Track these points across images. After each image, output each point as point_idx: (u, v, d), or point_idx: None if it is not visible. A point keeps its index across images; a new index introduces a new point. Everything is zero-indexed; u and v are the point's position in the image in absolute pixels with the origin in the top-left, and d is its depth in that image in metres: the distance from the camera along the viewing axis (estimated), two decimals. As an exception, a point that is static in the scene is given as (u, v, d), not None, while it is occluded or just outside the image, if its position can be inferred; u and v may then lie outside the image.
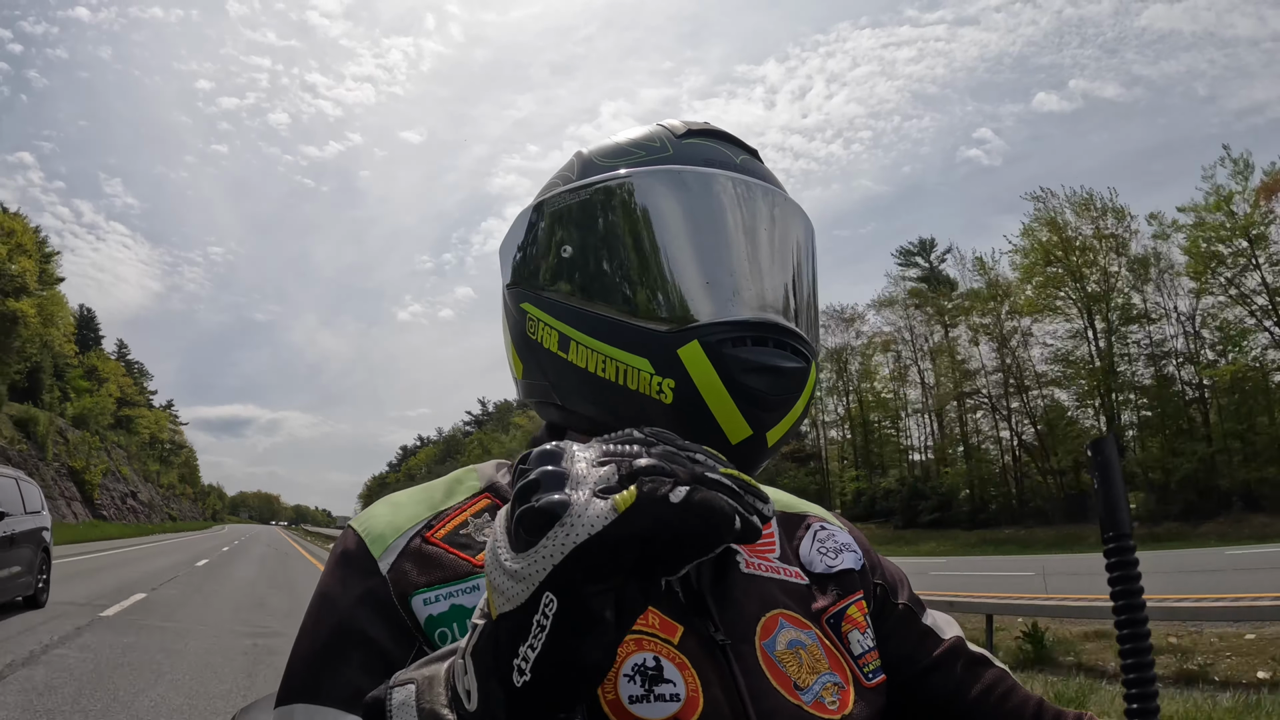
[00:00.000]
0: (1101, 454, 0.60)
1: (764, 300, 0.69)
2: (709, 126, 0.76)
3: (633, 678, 0.61)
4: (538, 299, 0.74)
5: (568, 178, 0.76)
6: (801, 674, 0.68)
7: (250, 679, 6.19)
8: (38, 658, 6.48)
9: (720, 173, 0.71)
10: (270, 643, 7.91)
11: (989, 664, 0.81)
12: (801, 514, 0.85)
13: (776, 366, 0.67)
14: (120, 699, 5.36)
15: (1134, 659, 0.55)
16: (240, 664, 6.83)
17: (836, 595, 0.77)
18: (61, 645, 7.11)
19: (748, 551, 0.75)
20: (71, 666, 6.23)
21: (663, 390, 0.66)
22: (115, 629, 8.30)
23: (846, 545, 0.82)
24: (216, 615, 10.16)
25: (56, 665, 6.25)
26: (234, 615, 10.25)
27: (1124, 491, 0.59)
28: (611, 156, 0.74)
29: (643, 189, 0.70)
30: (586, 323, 0.70)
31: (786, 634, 0.70)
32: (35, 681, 5.66)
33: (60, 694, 5.36)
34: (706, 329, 0.66)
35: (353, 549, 0.67)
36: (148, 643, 7.58)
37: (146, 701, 5.34)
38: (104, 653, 6.89)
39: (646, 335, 0.67)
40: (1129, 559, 0.57)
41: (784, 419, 0.69)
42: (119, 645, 7.31)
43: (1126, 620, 0.56)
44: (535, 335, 0.74)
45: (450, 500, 0.71)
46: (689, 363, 0.66)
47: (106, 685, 5.70)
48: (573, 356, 0.71)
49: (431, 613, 0.62)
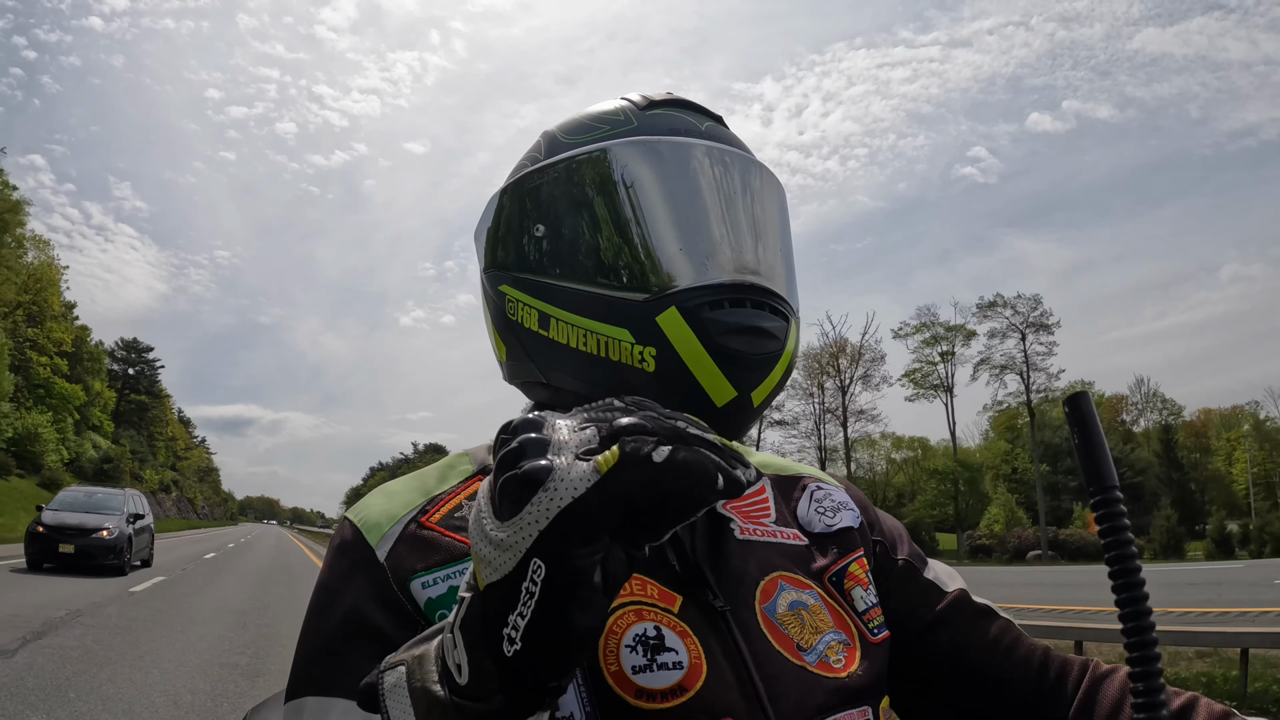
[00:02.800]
0: (1079, 409, 0.58)
1: (740, 262, 0.68)
2: (671, 96, 0.75)
3: (634, 648, 0.61)
4: (515, 280, 0.74)
5: (535, 158, 0.75)
6: (804, 635, 0.68)
7: (271, 573, 14.33)
8: (114, 600, 13.31)
9: (687, 140, 0.71)
10: (285, 560, 16.68)
11: (994, 615, 0.80)
12: (797, 475, 0.84)
13: (756, 326, 0.66)
14: (210, 595, 13.19)
15: (1131, 607, 0.53)
16: (273, 573, 14.75)
17: (837, 554, 0.77)
18: (170, 572, 14.95)
19: (742, 518, 0.75)
20: (191, 575, 13.99)
21: (645, 359, 0.66)
22: (205, 569, 16.47)
23: (844, 504, 0.82)
24: (258, 559, 19.50)
25: (186, 577, 14.09)
26: (267, 556, 19.83)
27: (1105, 444, 0.57)
28: (577, 133, 0.74)
29: (610, 161, 0.70)
30: (564, 298, 0.70)
31: (787, 596, 0.70)
32: (168, 593, 13.46)
33: (188, 584, 13.15)
34: (684, 294, 0.66)
35: (350, 539, 0.67)
36: (227, 563, 15.64)
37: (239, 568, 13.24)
38: (199, 572, 14.77)
39: (625, 305, 0.67)
40: (1117, 510, 0.55)
41: (768, 378, 0.68)
42: (205, 572, 15.27)
43: (1121, 569, 0.54)
44: (515, 316, 0.74)
45: (444, 485, 0.71)
46: (668, 329, 0.65)
47: (213, 587, 13.44)
48: (554, 333, 0.70)
49: (430, 595, 0.62)
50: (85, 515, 13.93)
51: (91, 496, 15.58)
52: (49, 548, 13.21)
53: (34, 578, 11.99)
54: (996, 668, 0.76)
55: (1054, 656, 0.77)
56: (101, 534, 13.55)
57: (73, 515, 13.82)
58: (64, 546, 13.18)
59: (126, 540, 14.14)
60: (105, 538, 13.56)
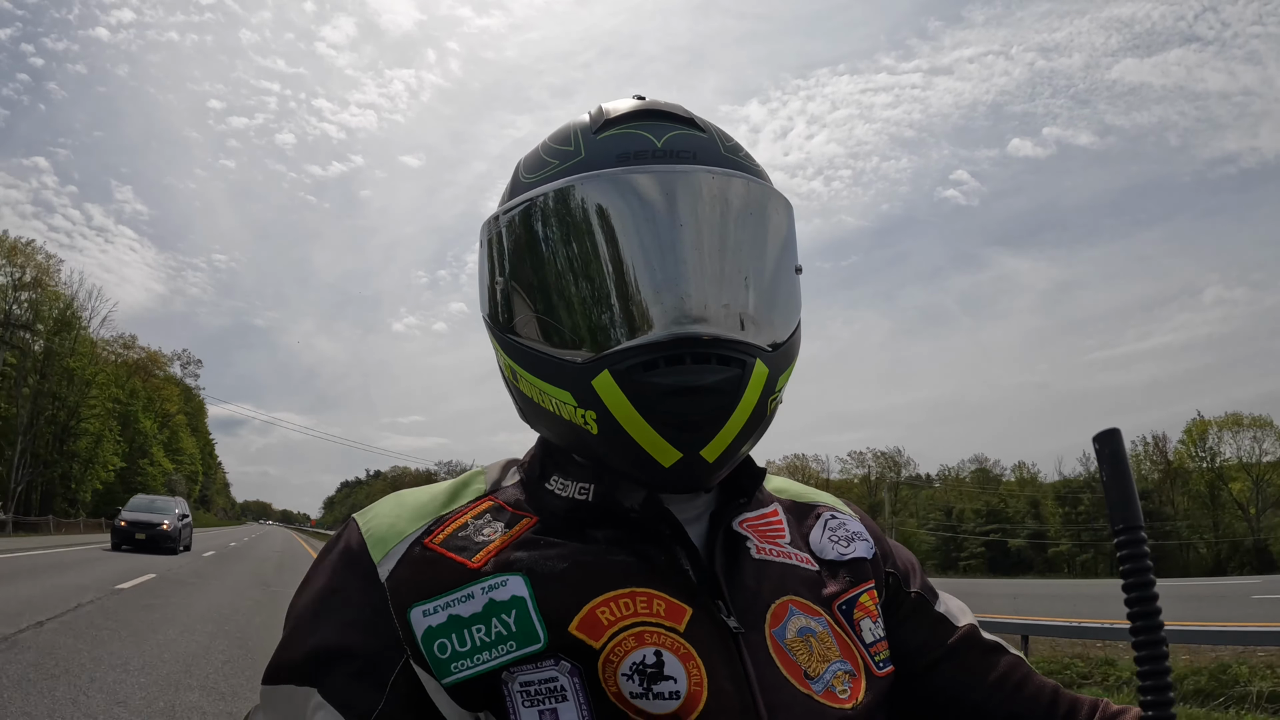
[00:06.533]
0: (1109, 446, 0.58)
1: (680, 311, 0.62)
2: (631, 109, 0.69)
3: (631, 676, 0.59)
4: (491, 330, 0.73)
5: (503, 198, 0.72)
6: (812, 662, 0.66)
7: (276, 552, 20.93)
8: (184, 565, 19.24)
9: (626, 173, 0.64)
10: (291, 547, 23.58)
11: (1004, 651, 0.78)
12: (812, 503, 0.82)
13: (693, 387, 0.61)
14: (232, 567, 19.51)
15: (1148, 650, 0.53)
16: (279, 552, 21.59)
17: (849, 582, 0.75)
18: (199, 559, 21.48)
19: (758, 537, 0.72)
20: (211, 558, 20.41)
21: (587, 422, 0.64)
22: (221, 557, 22.90)
23: (859, 534, 0.80)
24: (270, 544, 26.30)
25: (209, 559, 20.51)
26: (279, 543, 26.28)
27: (1133, 483, 0.57)
28: (534, 169, 0.69)
29: (540, 213, 0.66)
30: (519, 355, 0.68)
31: (796, 621, 0.68)
32: (184, 568, 19.77)
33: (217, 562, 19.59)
34: (615, 356, 0.62)
35: (355, 549, 0.66)
36: (247, 551, 22.38)
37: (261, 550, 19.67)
38: (218, 560, 21.38)
39: (564, 367, 0.64)
40: (1141, 550, 0.54)
41: (719, 433, 0.63)
42: (225, 557, 21.84)
43: (1140, 612, 0.54)
44: (500, 365, 0.73)
45: (454, 504, 0.70)
46: (604, 394, 0.62)
47: (228, 564, 19.81)
48: (522, 387, 0.69)
49: (430, 624, 0.61)
50: (150, 514, 20.58)
51: (153, 502, 22.52)
52: (128, 536, 19.69)
53: (117, 554, 18.22)
54: (1005, 704, 0.74)
55: (1064, 695, 0.75)
56: (162, 526, 19.99)
57: (142, 514, 20.52)
58: (138, 535, 19.68)
59: (178, 532, 20.60)
60: (165, 529, 19.99)
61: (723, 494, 0.73)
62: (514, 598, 0.62)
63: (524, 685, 0.59)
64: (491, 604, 0.61)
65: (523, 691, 0.59)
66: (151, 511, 20.92)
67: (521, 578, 0.63)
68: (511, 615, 0.61)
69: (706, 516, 0.71)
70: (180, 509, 22.42)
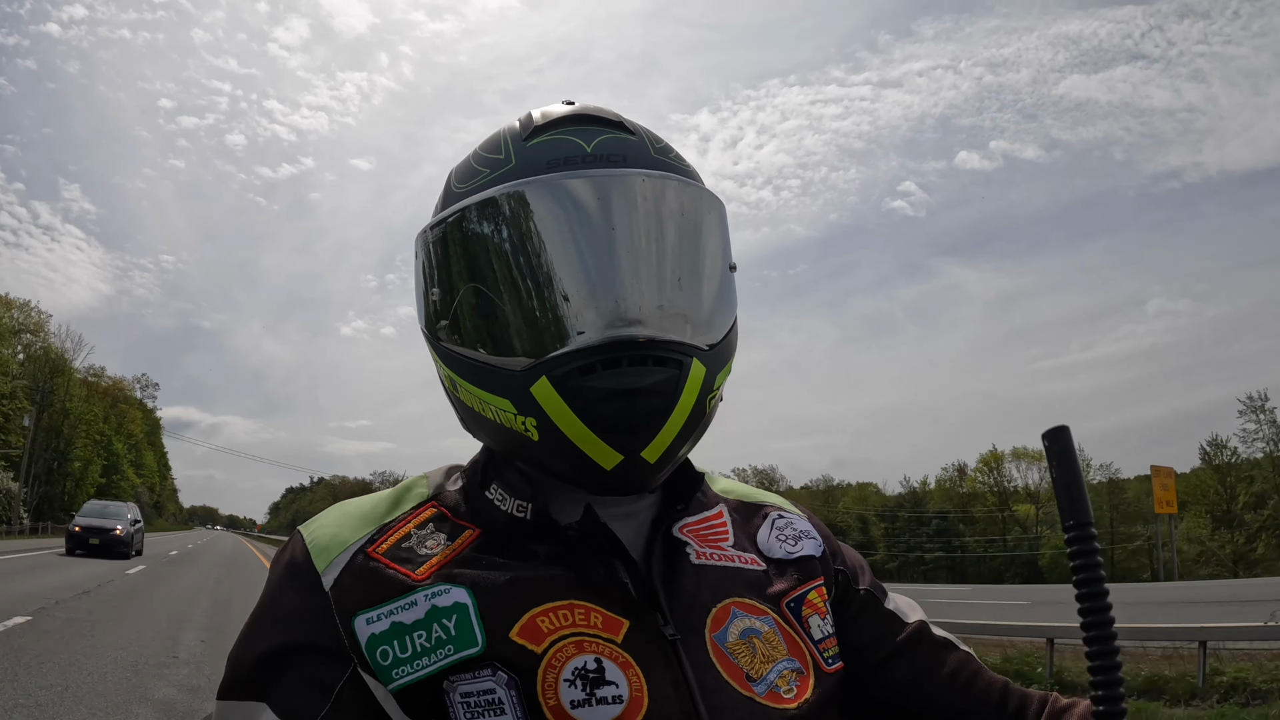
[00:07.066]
0: (1059, 443, 0.59)
1: (616, 314, 0.64)
2: (560, 115, 0.70)
3: (573, 682, 0.60)
4: (429, 341, 0.73)
5: (437, 209, 0.73)
6: (755, 664, 0.67)
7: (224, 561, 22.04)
8: (126, 573, 20.61)
9: (556, 179, 0.65)
10: None
11: (954, 647, 0.79)
12: (759, 503, 0.83)
13: (631, 389, 0.63)
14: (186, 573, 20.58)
15: (1099, 644, 0.54)
16: (229, 553, 22.56)
17: (797, 580, 0.76)
18: (151, 564, 22.49)
19: (698, 542, 0.73)
20: (158, 570, 21.51)
21: (528, 429, 0.65)
22: (176, 561, 23.92)
23: (806, 533, 0.81)
24: (221, 546, 27.32)
25: (157, 570, 21.57)
26: (230, 546, 27.16)
27: (1082, 479, 0.58)
28: (465, 180, 0.70)
29: (472, 222, 0.67)
30: (458, 365, 0.69)
31: (740, 623, 0.69)
32: (147, 573, 20.87)
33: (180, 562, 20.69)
34: (553, 363, 0.63)
35: (299, 560, 0.67)
36: (198, 556, 23.34)
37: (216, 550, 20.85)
38: (160, 569, 22.35)
39: (503, 374, 0.65)
40: (1090, 546, 0.55)
41: (659, 434, 0.65)
42: (180, 561, 22.82)
43: (1090, 607, 0.55)
44: (439, 375, 0.74)
45: (396, 511, 0.71)
46: (542, 400, 0.63)
47: (178, 571, 20.91)
48: (461, 396, 0.70)
49: (374, 631, 0.62)
50: (103, 519, 21.37)
51: (106, 508, 23.32)
52: (82, 541, 20.41)
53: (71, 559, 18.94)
54: (956, 700, 0.75)
55: (1014, 690, 0.76)
56: (115, 531, 20.78)
57: (95, 520, 21.28)
58: (92, 540, 20.39)
59: (130, 536, 21.42)
60: (119, 534, 20.81)
61: (664, 500, 0.75)
62: (456, 604, 0.63)
63: (464, 696, 0.60)
64: (434, 610, 0.63)
65: (463, 703, 0.60)
66: (104, 517, 21.71)
67: (465, 589, 0.64)
68: (453, 620, 0.62)
69: (648, 525, 0.73)
70: (133, 514, 23.26)
